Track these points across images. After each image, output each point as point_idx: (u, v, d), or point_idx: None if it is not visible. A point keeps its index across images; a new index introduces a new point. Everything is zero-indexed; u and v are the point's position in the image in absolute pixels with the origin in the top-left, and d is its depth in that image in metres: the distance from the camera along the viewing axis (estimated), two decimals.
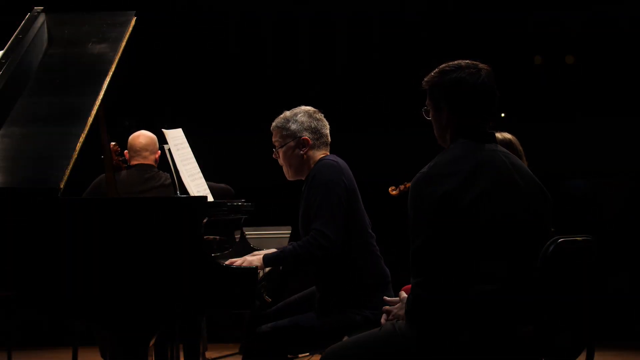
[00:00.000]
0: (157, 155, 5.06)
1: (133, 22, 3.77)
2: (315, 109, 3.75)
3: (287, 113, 3.72)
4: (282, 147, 3.69)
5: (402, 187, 6.08)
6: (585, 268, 2.72)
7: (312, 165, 3.65)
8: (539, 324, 2.61)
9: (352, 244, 3.52)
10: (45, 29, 3.71)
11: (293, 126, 3.67)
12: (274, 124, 3.73)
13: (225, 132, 11.87)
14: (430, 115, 2.87)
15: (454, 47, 11.66)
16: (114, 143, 4.71)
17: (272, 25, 12.95)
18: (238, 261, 3.41)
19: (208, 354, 6.28)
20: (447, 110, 2.80)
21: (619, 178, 11.94)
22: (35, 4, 3.78)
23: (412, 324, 2.72)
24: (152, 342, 3.11)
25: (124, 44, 3.65)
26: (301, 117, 3.68)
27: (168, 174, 4.84)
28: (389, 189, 5.93)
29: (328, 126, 3.76)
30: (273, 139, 3.74)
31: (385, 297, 3.07)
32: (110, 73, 3.51)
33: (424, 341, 2.69)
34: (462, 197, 2.63)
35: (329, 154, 3.72)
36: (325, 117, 3.78)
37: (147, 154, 5.03)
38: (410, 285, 2.79)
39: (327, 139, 3.74)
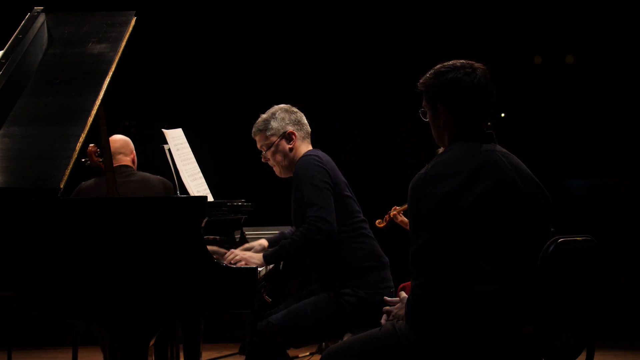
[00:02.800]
0: (133, 156, 4.99)
1: (133, 22, 3.77)
2: (288, 105, 3.83)
3: (264, 115, 3.80)
4: (269, 147, 3.76)
5: (387, 217, 6.06)
6: (585, 268, 2.72)
7: (299, 160, 3.70)
8: (539, 324, 2.61)
9: (342, 228, 3.59)
10: (45, 29, 3.71)
11: (275, 124, 3.75)
12: (254, 129, 3.80)
13: (226, 133, 11.88)
14: (428, 116, 2.86)
15: (453, 47, 11.66)
16: (92, 144, 4.63)
17: (273, 25, 12.94)
18: (237, 258, 3.46)
19: (205, 355, 6.27)
20: (444, 111, 2.79)
21: (619, 178, 11.94)
22: (35, 4, 3.77)
23: (412, 324, 2.72)
24: (152, 342, 3.11)
25: (124, 44, 3.64)
26: (280, 114, 3.77)
27: (142, 173, 4.80)
28: (376, 222, 5.88)
29: (304, 116, 3.83)
30: (258, 145, 3.80)
31: (385, 298, 3.07)
32: (110, 73, 3.50)
33: (424, 341, 2.69)
34: (462, 197, 2.62)
35: (311, 147, 3.79)
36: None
37: (120, 156, 4.95)
38: (408, 283, 2.80)
39: (308, 128, 3.82)
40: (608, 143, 11.08)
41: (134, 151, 4.98)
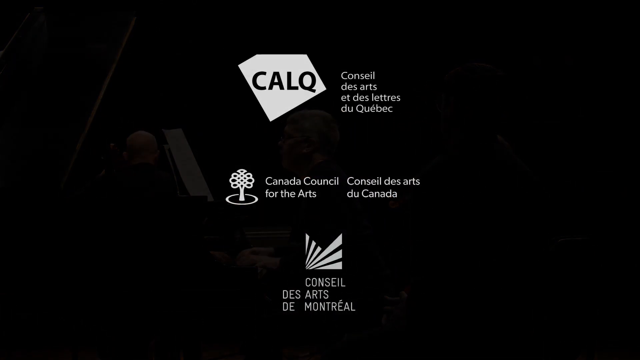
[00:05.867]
0: (156, 155, 4.98)
1: (133, 22, 3.77)
2: (332, 118, 3.83)
3: (307, 111, 3.81)
4: (289, 138, 3.78)
5: (401, 200, 5.98)
6: (585, 268, 2.72)
7: (311, 168, 3.72)
8: (539, 324, 2.61)
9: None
10: (45, 29, 3.71)
11: (306, 124, 3.77)
12: (291, 115, 3.81)
13: (226, 132, 11.86)
14: (440, 105, 2.88)
15: (453, 47, 11.66)
16: (112, 144, 4.66)
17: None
18: (253, 259, 3.50)
19: (205, 355, 6.26)
20: (454, 107, 2.80)
21: (619, 178, 11.94)
22: (35, 4, 3.78)
23: (412, 323, 2.72)
24: (152, 343, 3.11)
25: (124, 44, 3.65)
26: (316, 119, 3.79)
27: (166, 173, 4.80)
28: (389, 203, 5.84)
29: (338, 137, 3.84)
30: (285, 128, 3.82)
31: (385, 297, 3.07)
32: (110, 73, 3.51)
33: (424, 341, 2.69)
34: (463, 196, 2.63)
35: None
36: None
37: (146, 154, 4.94)
38: (409, 287, 2.80)
39: (333, 148, 3.82)
40: (608, 143, 11.07)
41: (157, 150, 4.93)
